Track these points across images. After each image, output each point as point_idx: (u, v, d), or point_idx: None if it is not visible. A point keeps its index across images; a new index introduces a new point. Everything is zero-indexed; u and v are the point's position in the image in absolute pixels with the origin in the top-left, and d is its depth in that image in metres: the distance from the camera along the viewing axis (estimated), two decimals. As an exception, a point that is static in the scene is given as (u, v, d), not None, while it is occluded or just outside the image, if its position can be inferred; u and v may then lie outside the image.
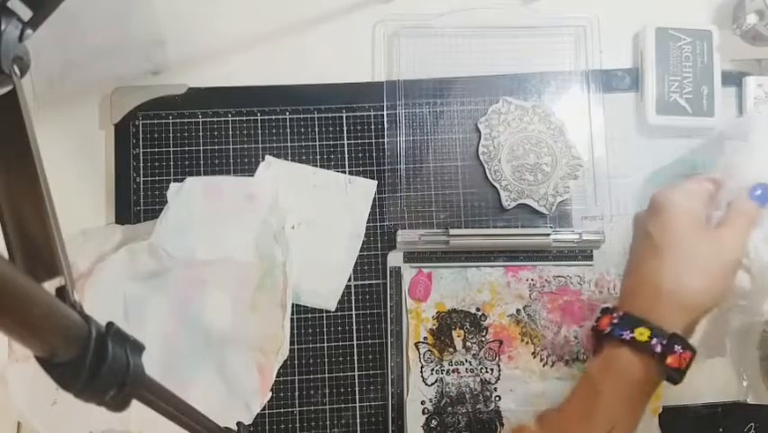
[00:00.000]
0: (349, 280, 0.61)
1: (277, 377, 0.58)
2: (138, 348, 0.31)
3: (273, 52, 0.64)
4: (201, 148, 0.62)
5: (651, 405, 0.60)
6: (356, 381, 0.60)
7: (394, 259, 0.61)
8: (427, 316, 0.60)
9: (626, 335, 0.44)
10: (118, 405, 0.30)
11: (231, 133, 0.62)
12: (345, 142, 0.63)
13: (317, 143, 0.63)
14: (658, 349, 0.43)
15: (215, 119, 0.62)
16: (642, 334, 0.43)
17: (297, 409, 0.59)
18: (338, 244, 0.61)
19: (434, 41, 0.64)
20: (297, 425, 0.59)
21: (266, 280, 0.59)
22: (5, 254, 0.33)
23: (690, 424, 0.60)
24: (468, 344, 0.60)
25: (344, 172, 0.62)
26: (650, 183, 0.63)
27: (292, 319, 0.59)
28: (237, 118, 0.63)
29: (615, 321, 0.45)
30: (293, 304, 0.59)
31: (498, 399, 0.59)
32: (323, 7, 0.65)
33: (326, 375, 0.60)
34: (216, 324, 0.58)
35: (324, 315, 0.61)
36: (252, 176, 0.61)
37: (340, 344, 0.60)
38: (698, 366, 0.45)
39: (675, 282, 0.45)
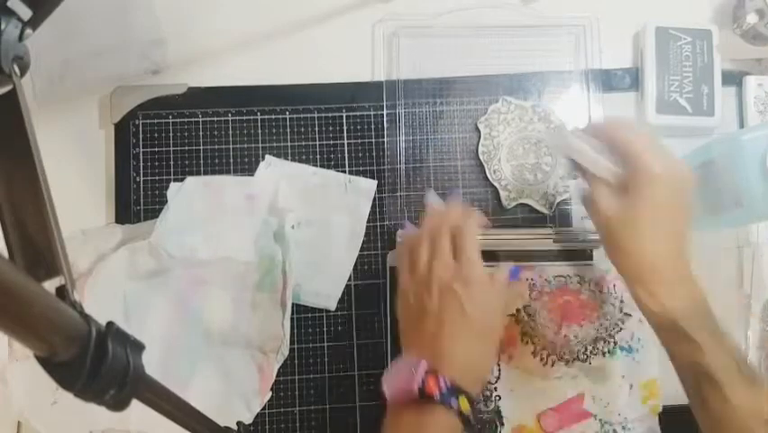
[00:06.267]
0: (349, 280, 0.61)
1: (277, 377, 0.58)
2: (138, 348, 0.31)
3: (273, 52, 0.64)
4: (201, 148, 0.62)
5: (651, 404, 0.60)
6: (356, 381, 0.60)
7: (394, 259, 0.61)
8: (427, 315, 0.60)
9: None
10: (118, 405, 0.30)
11: (231, 132, 0.62)
12: (345, 141, 0.63)
13: (317, 143, 0.63)
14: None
15: (215, 119, 0.62)
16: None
17: (297, 409, 0.59)
18: (338, 243, 0.61)
19: (434, 41, 0.64)
20: (297, 425, 0.59)
21: (266, 279, 0.59)
22: (5, 254, 0.33)
23: (690, 424, 0.60)
24: (468, 343, 0.60)
25: (344, 172, 0.62)
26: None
27: (292, 319, 0.59)
28: (237, 118, 0.62)
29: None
30: (293, 304, 0.59)
31: (498, 398, 0.59)
32: (323, 7, 0.65)
33: (326, 375, 0.60)
34: (216, 323, 0.58)
35: (324, 315, 0.61)
36: (252, 176, 0.61)
37: (340, 344, 0.60)
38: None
39: None
